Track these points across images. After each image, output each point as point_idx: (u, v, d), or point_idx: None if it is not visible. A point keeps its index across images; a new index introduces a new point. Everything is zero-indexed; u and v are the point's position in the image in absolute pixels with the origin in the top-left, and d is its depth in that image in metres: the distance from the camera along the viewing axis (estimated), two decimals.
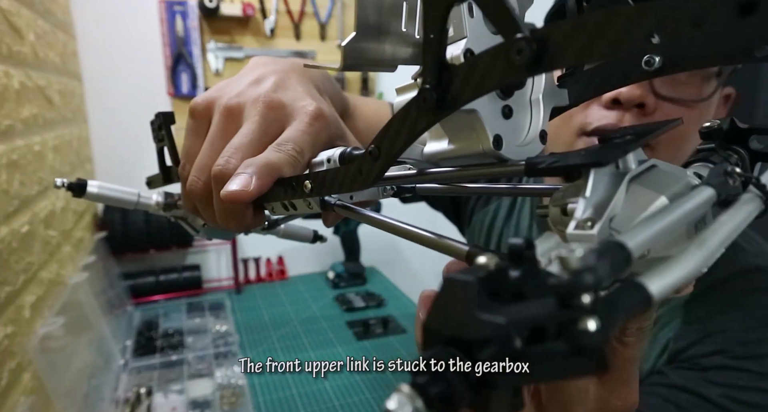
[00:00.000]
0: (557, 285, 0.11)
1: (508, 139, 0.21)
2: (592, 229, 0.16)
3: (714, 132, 0.22)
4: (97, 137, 1.43)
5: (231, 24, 1.49)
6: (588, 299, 0.11)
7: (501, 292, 0.13)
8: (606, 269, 0.11)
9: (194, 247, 1.55)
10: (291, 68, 0.36)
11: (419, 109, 0.18)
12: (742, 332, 0.50)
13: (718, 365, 0.49)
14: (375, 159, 0.22)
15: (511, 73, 0.15)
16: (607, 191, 0.17)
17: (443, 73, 0.17)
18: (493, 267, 0.13)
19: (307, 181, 0.27)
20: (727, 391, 0.47)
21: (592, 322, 0.11)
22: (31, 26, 0.94)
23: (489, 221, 0.75)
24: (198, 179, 0.32)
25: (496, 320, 0.11)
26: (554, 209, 0.19)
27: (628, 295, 0.12)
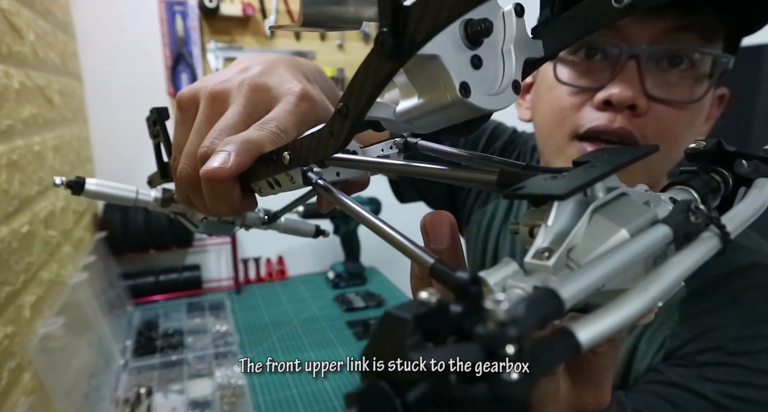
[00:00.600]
0: (482, 335, 0.11)
1: (478, 87, 0.20)
2: (549, 260, 0.16)
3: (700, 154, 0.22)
4: (97, 137, 1.43)
5: (231, 24, 1.49)
6: (512, 349, 0.11)
7: (440, 328, 0.13)
8: (532, 321, 0.12)
9: (194, 247, 1.55)
10: (278, 59, 0.36)
11: (380, 57, 0.18)
12: (737, 329, 0.50)
13: (712, 362, 0.49)
14: (344, 117, 0.21)
15: (461, 3, 0.14)
16: (570, 219, 0.17)
17: (398, 14, 0.17)
18: (434, 303, 0.13)
19: (285, 153, 0.27)
20: (721, 387, 0.47)
21: (514, 373, 0.11)
22: (31, 26, 0.94)
23: (486, 222, 0.75)
24: (187, 166, 0.32)
25: (422, 363, 0.11)
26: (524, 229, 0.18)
27: (555, 344, 0.12)
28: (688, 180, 0.21)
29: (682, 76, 0.49)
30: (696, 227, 0.17)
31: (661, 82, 0.48)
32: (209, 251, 1.61)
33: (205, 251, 1.60)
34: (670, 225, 0.16)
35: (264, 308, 1.41)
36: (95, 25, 1.39)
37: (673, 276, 0.15)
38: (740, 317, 0.50)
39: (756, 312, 0.50)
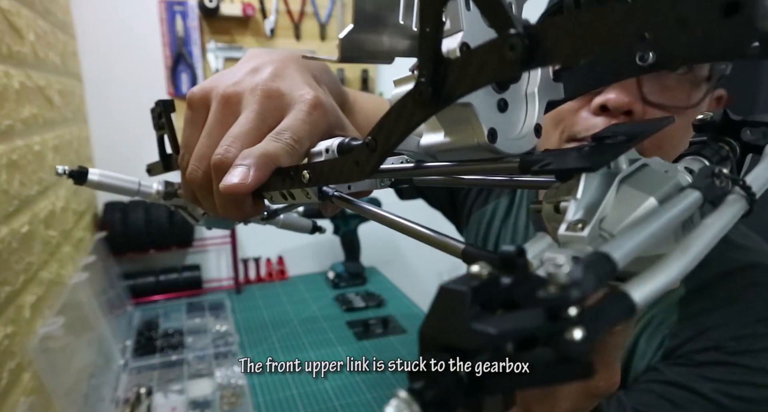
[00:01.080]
0: (546, 299, 0.12)
1: (503, 132, 0.21)
2: (583, 231, 0.16)
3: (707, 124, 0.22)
4: (97, 137, 1.43)
5: (231, 24, 1.49)
6: (574, 311, 0.11)
7: (493, 299, 0.13)
8: (592, 282, 0.12)
9: (194, 247, 1.55)
10: (288, 58, 0.35)
11: (415, 103, 0.19)
12: (735, 328, 0.50)
13: (711, 361, 0.49)
14: (372, 150, 0.22)
15: (504, 69, 0.15)
16: (598, 192, 0.17)
17: (439, 66, 0.17)
18: (485, 276, 0.13)
19: (305, 171, 0.27)
20: (720, 386, 0.48)
21: (578, 332, 0.11)
22: (31, 26, 0.94)
23: (487, 220, 0.75)
24: (197, 168, 0.32)
25: (488, 331, 0.12)
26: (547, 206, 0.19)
27: (612, 305, 0.12)
28: (699, 150, 0.21)
29: (679, 81, 0.49)
30: (722, 190, 0.17)
31: (659, 87, 0.48)
32: (209, 251, 1.61)
33: (205, 251, 1.60)
34: (699, 189, 0.17)
35: (264, 308, 1.41)
36: (95, 25, 1.39)
37: (708, 236, 0.15)
38: (739, 317, 0.50)
39: (755, 311, 0.50)
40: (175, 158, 0.40)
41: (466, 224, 0.80)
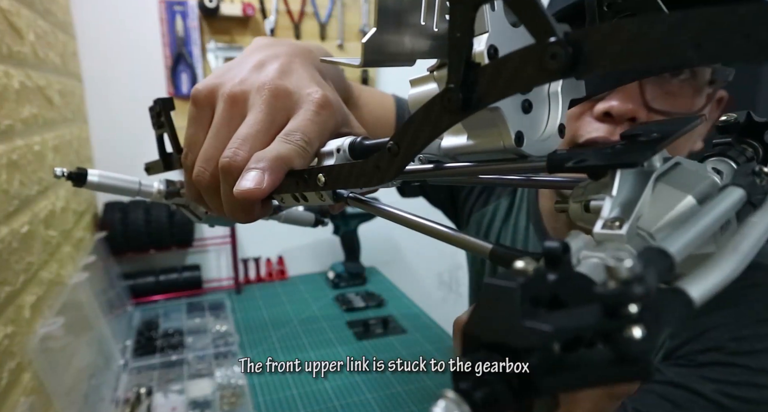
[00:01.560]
0: (604, 294, 0.11)
1: (529, 134, 0.20)
2: (621, 229, 0.16)
3: (731, 126, 0.22)
4: (97, 137, 1.43)
5: (231, 24, 1.49)
6: (635, 308, 0.11)
7: (539, 297, 0.13)
8: (654, 279, 0.11)
9: (194, 247, 1.55)
10: (294, 52, 0.35)
11: (444, 109, 0.18)
12: (736, 328, 0.50)
13: (712, 361, 0.49)
14: (394, 155, 0.22)
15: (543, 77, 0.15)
16: (632, 190, 0.17)
17: (469, 73, 0.17)
18: (532, 272, 0.13)
19: (320, 175, 0.27)
20: (721, 387, 0.48)
21: (638, 330, 0.11)
22: (31, 26, 0.94)
23: (487, 222, 0.75)
24: (205, 170, 0.32)
25: (542, 328, 0.11)
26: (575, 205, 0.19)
27: (671, 302, 0.12)
28: (724, 151, 0.21)
29: (681, 86, 0.49)
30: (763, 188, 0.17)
31: (662, 93, 0.48)
32: (209, 251, 1.61)
33: (205, 251, 1.60)
34: (742, 187, 0.17)
35: (264, 308, 1.41)
36: (95, 25, 1.39)
37: (757, 233, 0.15)
38: (739, 317, 0.50)
39: (755, 312, 0.50)
40: (176, 157, 0.40)
41: (466, 224, 0.80)
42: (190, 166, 0.33)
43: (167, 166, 0.42)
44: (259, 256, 1.64)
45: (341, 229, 1.57)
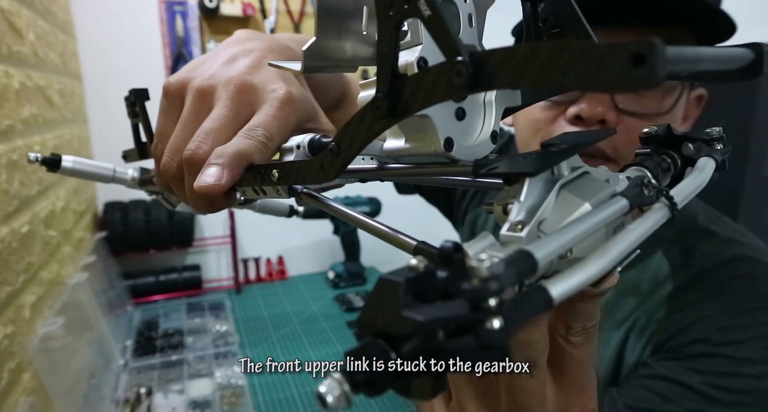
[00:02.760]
0: (467, 290, 0.13)
1: (460, 140, 0.22)
2: (522, 232, 0.17)
3: (652, 137, 0.24)
4: (97, 137, 1.43)
5: (231, 24, 1.49)
6: (494, 302, 0.12)
7: (429, 291, 0.14)
8: (511, 277, 0.13)
9: (194, 247, 1.55)
10: (269, 48, 0.35)
11: (373, 115, 0.20)
12: (721, 320, 0.51)
13: (698, 353, 0.50)
14: (335, 155, 0.23)
15: (452, 91, 0.16)
16: (540, 196, 0.19)
17: (395, 83, 0.18)
18: (422, 268, 0.14)
19: (274, 170, 0.28)
20: (708, 378, 0.48)
21: (496, 321, 0.12)
22: (31, 26, 0.94)
23: (481, 222, 0.77)
24: (171, 161, 0.32)
25: (415, 318, 0.13)
26: (498, 208, 0.20)
27: (531, 298, 0.14)
28: (642, 161, 0.23)
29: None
30: (649, 199, 0.19)
31: (631, 95, 0.49)
32: (209, 251, 1.61)
33: (205, 251, 1.60)
34: (626, 197, 0.18)
35: (264, 308, 1.41)
36: (95, 25, 1.39)
37: (629, 240, 0.17)
38: (724, 309, 0.51)
39: (740, 303, 0.51)
40: (149, 146, 0.41)
41: (462, 223, 0.82)
42: (159, 156, 0.34)
43: (142, 155, 0.43)
44: (259, 256, 1.65)
45: (341, 229, 1.57)
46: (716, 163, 0.23)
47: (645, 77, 0.11)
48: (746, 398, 0.47)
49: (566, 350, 0.23)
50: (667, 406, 0.48)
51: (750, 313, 0.50)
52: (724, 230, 0.56)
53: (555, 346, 0.24)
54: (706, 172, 0.22)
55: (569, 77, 0.13)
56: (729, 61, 0.15)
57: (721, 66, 0.14)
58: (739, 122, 1.22)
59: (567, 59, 0.13)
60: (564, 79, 0.13)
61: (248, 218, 1.58)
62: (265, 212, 0.50)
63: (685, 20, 0.48)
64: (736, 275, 0.53)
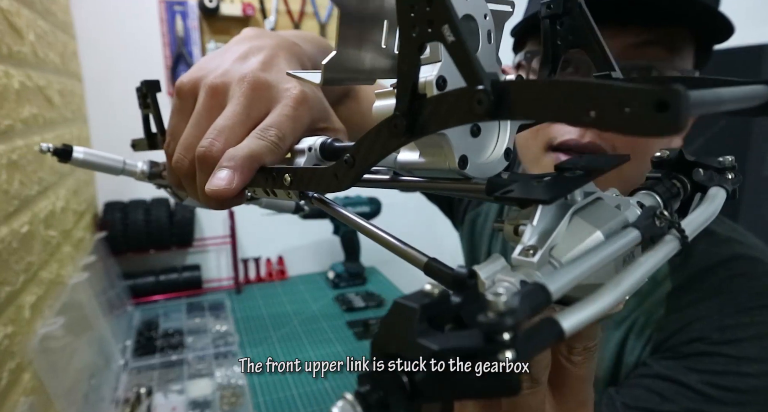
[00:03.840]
0: (483, 323, 0.13)
1: (474, 157, 0.22)
2: (533, 257, 0.18)
3: (663, 162, 0.24)
4: (97, 137, 1.43)
5: (231, 24, 1.49)
6: (507, 336, 0.13)
7: (443, 315, 0.15)
8: (526, 311, 0.13)
9: (194, 247, 1.55)
10: (279, 45, 0.35)
11: (390, 132, 0.20)
12: (719, 318, 0.51)
13: (697, 352, 0.50)
14: (350, 167, 0.23)
15: (471, 117, 0.16)
16: (552, 221, 0.19)
17: (414, 102, 0.19)
18: (437, 295, 0.14)
19: (287, 175, 0.28)
20: (706, 377, 0.48)
21: (509, 353, 0.13)
22: (31, 26, 0.94)
23: (481, 222, 0.77)
24: (184, 158, 0.32)
25: (431, 347, 0.13)
26: (508, 227, 0.20)
27: (543, 331, 0.14)
28: (653, 186, 0.23)
29: None
30: (660, 230, 0.19)
31: None
32: (209, 251, 1.61)
33: (205, 251, 1.60)
34: (639, 229, 0.19)
35: (264, 308, 1.41)
36: (95, 25, 1.39)
37: (640, 273, 0.17)
38: (723, 308, 0.51)
39: (738, 302, 0.51)
40: (160, 138, 0.41)
41: (461, 222, 0.82)
42: (171, 154, 0.34)
43: (152, 146, 0.43)
44: (259, 256, 1.65)
45: (341, 229, 1.57)
46: (727, 193, 0.23)
47: (668, 124, 0.11)
48: (745, 397, 0.47)
49: (568, 368, 0.24)
50: (665, 405, 0.48)
51: (748, 312, 0.50)
52: (723, 229, 0.56)
53: (557, 364, 0.24)
54: (717, 202, 0.22)
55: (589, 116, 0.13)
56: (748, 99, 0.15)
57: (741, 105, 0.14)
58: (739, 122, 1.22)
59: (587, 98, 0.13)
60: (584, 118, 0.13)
61: (248, 218, 1.58)
62: (271, 208, 0.50)
63: (683, 21, 0.48)
64: (735, 274, 0.53)
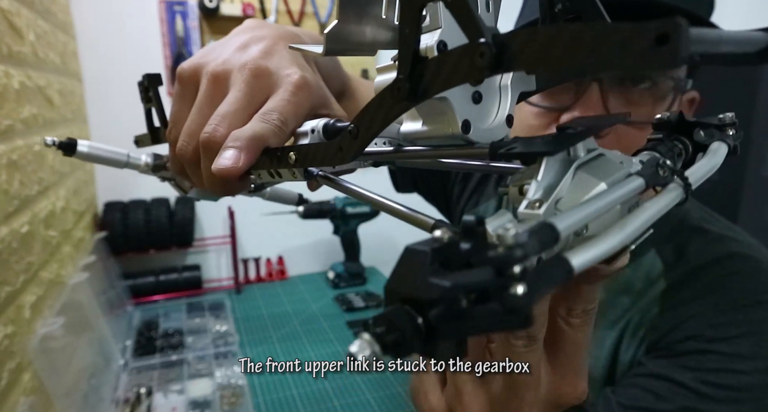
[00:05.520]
0: (493, 257, 0.13)
1: (476, 123, 0.22)
2: (540, 209, 0.18)
3: (664, 123, 0.25)
4: (97, 137, 1.43)
5: (231, 24, 1.49)
6: (518, 269, 0.13)
7: (452, 261, 0.15)
8: (535, 246, 0.14)
9: (194, 247, 1.55)
10: (279, 36, 0.36)
11: (393, 97, 0.20)
12: (713, 316, 0.51)
13: (690, 350, 0.50)
14: (354, 137, 0.23)
15: (474, 73, 0.17)
16: (557, 176, 0.19)
17: (416, 65, 0.19)
18: (446, 239, 0.15)
19: (291, 153, 0.28)
20: (699, 374, 0.48)
21: (520, 287, 0.13)
22: (31, 26, 0.94)
23: None
24: (187, 145, 0.33)
25: (442, 284, 0.13)
26: (513, 189, 0.21)
27: (553, 267, 0.14)
28: (655, 146, 0.24)
29: (642, 95, 0.51)
30: (663, 179, 0.20)
31: (623, 102, 0.50)
32: (209, 251, 1.61)
33: (205, 251, 1.60)
34: (642, 177, 0.19)
35: (264, 308, 1.41)
36: (95, 25, 1.39)
37: (645, 217, 0.17)
38: (716, 305, 0.51)
39: (732, 299, 0.51)
40: (162, 131, 0.41)
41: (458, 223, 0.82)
42: (174, 141, 0.35)
43: (155, 140, 0.44)
44: (259, 256, 1.65)
45: (341, 229, 1.57)
46: (729, 147, 0.23)
47: (669, 56, 0.11)
48: (739, 395, 0.47)
49: (565, 331, 0.24)
50: (660, 404, 0.48)
51: (742, 309, 0.50)
52: (718, 228, 0.57)
53: (554, 328, 0.24)
54: (719, 155, 0.22)
55: (592, 58, 0.13)
56: (747, 43, 0.15)
57: (740, 48, 0.15)
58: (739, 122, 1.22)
59: (590, 41, 0.13)
60: (587, 61, 0.13)
61: (248, 218, 1.58)
62: (274, 200, 0.50)
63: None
64: (729, 272, 0.53)
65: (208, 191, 0.44)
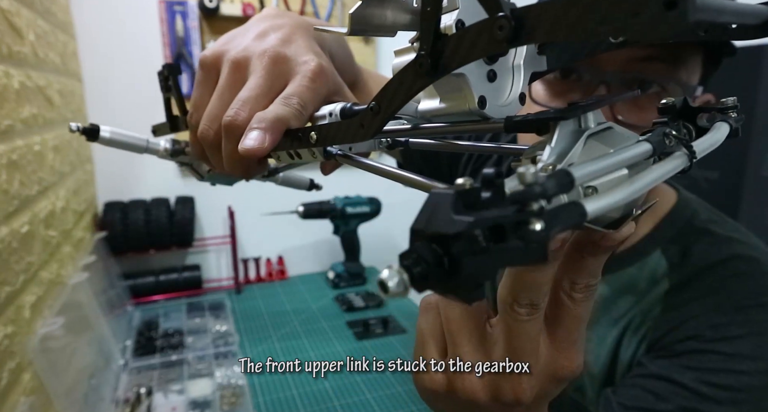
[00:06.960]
0: (513, 193, 0.14)
1: (492, 99, 0.24)
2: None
3: (668, 108, 0.25)
4: None
5: (231, 24, 1.49)
6: (536, 206, 0.14)
7: (474, 206, 0.16)
8: (553, 187, 0.15)
9: (194, 247, 1.55)
10: (297, 25, 0.37)
11: (415, 73, 0.21)
12: (714, 317, 0.51)
13: (690, 350, 0.50)
14: (375, 114, 0.25)
15: (493, 45, 0.18)
16: (569, 143, 0.21)
17: (437, 41, 0.20)
18: (469, 186, 0.16)
19: (312, 133, 0.30)
20: (699, 375, 0.48)
21: (538, 223, 0.14)
22: (31, 26, 0.94)
23: None
24: (209, 128, 0.34)
25: (466, 219, 0.14)
26: (526, 161, 0.22)
27: (568, 209, 0.15)
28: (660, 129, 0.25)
29: (651, 101, 0.50)
30: (670, 148, 0.21)
31: (630, 106, 0.50)
32: (209, 251, 1.61)
33: (205, 251, 1.60)
34: (650, 142, 0.20)
35: (264, 308, 1.41)
36: (95, 25, 1.39)
37: (653, 176, 0.18)
38: (718, 306, 0.52)
39: (734, 300, 0.51)
40: (182, 119, 0.43)
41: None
42: (195, 126, 0.36)
43: (173, 128, 0.45)
44: (259, 256, 1.65)
45: (341, 229, 1.57)
46: (730, 127, 0.24)
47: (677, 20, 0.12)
48: (738, 395, 0.47)
49: (567, 305, 0.25)
50: (660, 404, 0.48)
51: (743, 311, 0.50)
52: (725, 229, 0.57)
53: (556, 301, 0.25)
54: (722, 132, 0.23)
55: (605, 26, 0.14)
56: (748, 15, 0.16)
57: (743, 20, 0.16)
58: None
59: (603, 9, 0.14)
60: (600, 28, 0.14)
61: (248, 218, 1.58)
62: (287, 185, 0.52)
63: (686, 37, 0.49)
64: (732, 273, 0.53)
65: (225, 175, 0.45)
